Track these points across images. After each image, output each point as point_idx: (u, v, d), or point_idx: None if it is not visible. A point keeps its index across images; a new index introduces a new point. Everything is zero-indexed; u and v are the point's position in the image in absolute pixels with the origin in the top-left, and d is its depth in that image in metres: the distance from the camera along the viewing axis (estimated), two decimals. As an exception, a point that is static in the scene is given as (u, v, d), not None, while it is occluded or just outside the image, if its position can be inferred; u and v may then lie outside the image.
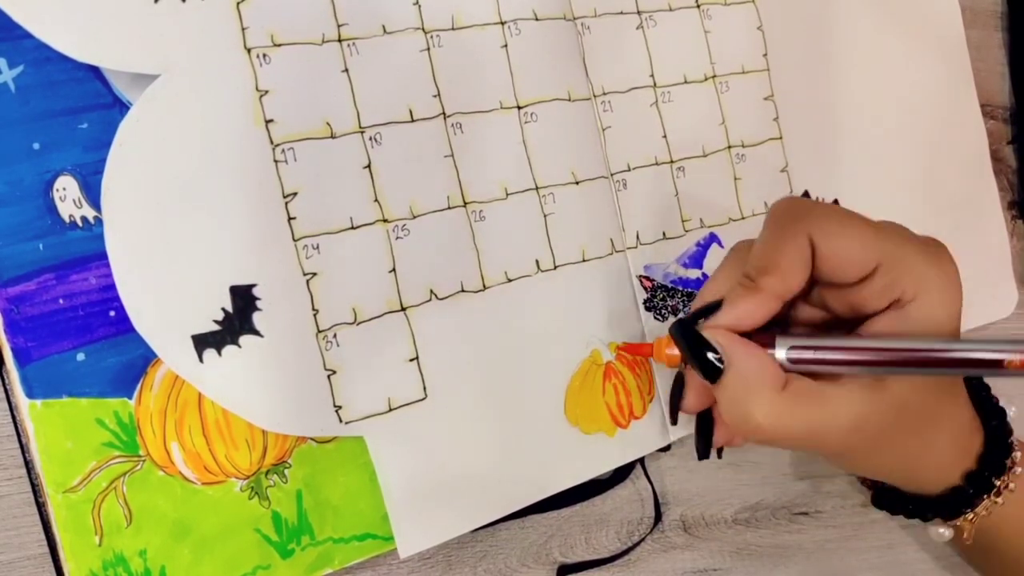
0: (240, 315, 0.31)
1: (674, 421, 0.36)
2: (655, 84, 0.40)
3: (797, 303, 0.33)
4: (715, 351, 0.31)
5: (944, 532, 0.37)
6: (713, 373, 0.31)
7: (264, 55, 0.31)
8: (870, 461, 0.35)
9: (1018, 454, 0.36)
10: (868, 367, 0.30)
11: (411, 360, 0.34)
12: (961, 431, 0.35)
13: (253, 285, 0.31)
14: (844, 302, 0.32)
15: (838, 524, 0.45)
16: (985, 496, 0.35)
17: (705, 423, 0.35)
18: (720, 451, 0.36)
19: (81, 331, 0.30)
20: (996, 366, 0.30)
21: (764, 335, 0.31)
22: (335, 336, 0.32)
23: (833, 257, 0.31)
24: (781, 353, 0.31)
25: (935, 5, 0.48)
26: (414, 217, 0.34)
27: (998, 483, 0.35)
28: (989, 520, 0.36)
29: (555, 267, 0.37)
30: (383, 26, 0.34)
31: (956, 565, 0.47)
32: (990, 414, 0.36)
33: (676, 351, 0.33)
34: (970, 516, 0.36)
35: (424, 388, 0.34)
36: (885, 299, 0.31)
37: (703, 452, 0.35)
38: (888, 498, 0.38)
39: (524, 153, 0.36)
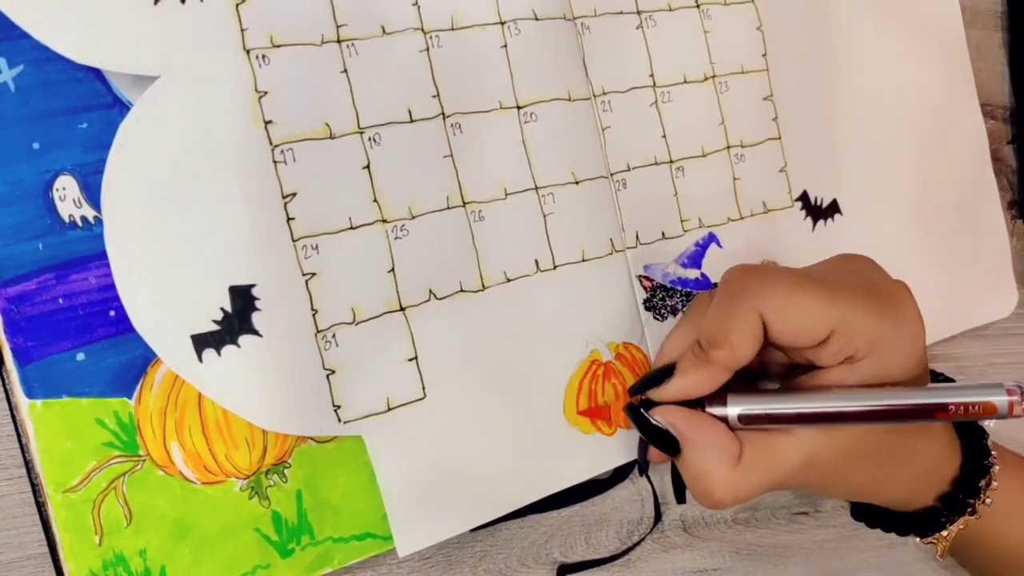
0: (239, 315, 0.31)
1: (643, 473, 0.39)
2: (655, 84, 0.40)
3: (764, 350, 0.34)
4: (669, 436, 0.33)
5: (922, 543, 0.37)
6: (671, 447, 0.33)
7: (263, 56, 0.31)
8: (831, 491, 0.36)
9: (996, 468, 0.35)
10: (813, 423, 0.32)
11: (410, 360, 0.34)
12: (932, 460, 0.35)
13: (252, 285, 0.31)
14: (799, 355, 0.33)
15: (838, 524, 0.45)
16: (959, 516, 0.35)
17: (675, 472, 0.39)
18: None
19: (81, 331, 0.30)
20: (938, 411, 0.31)
21: (717, 395, 0.33)
22: (334, 336, 0.32)
23: (784, 332, 0.32)
24: (733, 411, 0.33)
25: (935, 5, 0.48)
26: (413, 217, 0.34)
27: (973, 502, 0.35)
28: (967, 532, 0.35)
29: (555, 267, 0.37)
30: (382, 27, 0.34)
31: (955, 565, 0.47)
32: (969, 435, 0.36)
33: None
34: (944, 533, 0.35)
35: (423, 388, 0.34)
36: (838, 358, 0.32)
37: (643, 470, 0.38)
38: (864, 512, 0.38)
39: (524, 153, 0.36)
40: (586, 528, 0.39)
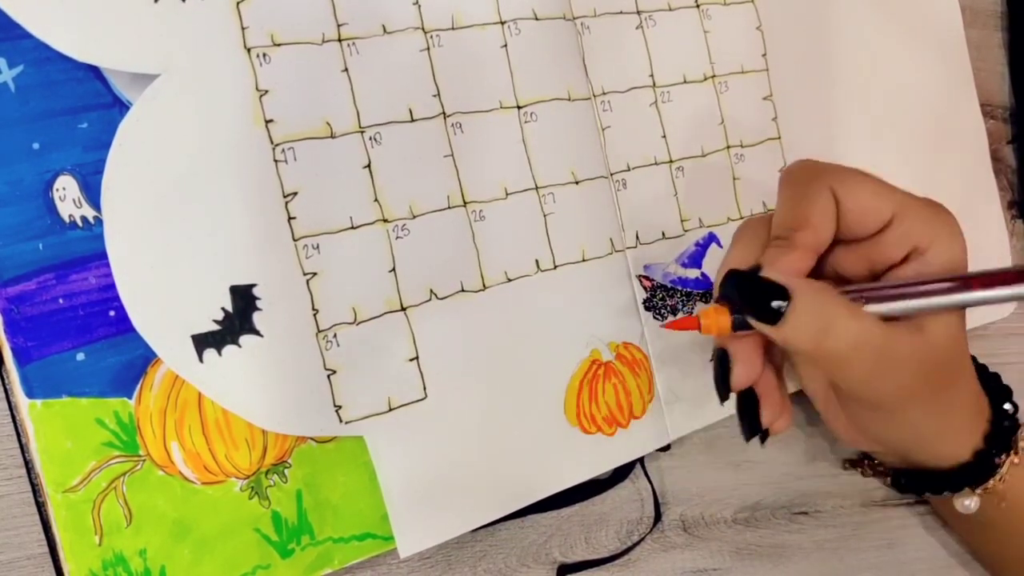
0: (240, 315, 0.31)
1: (724, 398, 0.35)
2: (655, 84, 0.40)
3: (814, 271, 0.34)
4: (774, 291, 0.31)
5: (970, 503, 0.38)
6: (774, 315, 0.31)
7: (264, 55, 0.31)
8: (917, 413, 0.35)
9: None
10: (917, 301, 0.32)
11: (411, 360, 0.34)
12: (977, 390, 0.37)
13: (253, 285, 0.31)
14: (862, 261, 0.34)
15: (837, 524, 0.45)
16: (1005, 456, 0.37)
17: (750, 402, 0.35)
18: (765, 436, 0.35)
19: (81, 331, 0.30)
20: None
21: None
22: (335, 336, 0.32)
23: (855, 208, 0.32)
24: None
25: (935, 5, 0.48)
26: (414, 217, 0.34)
27: (1012, 439, 0.37)
28: (1008, 483, 0.37)
29: (555, 267, 0.37)
30: (383, 26, 0.34)
31: (955, 564, 0.47)
32: (989, 380, 0.39)
33: (725, 319, 0.32)
34: (997, 477, 0.37)
35: (424, 388, 0.34)
36: (903, 249, 0.33)
37: (751, 431, 0.35)
38: (911, 479, 0.40)
39: (524, 153, 0.36)
40: (586, 528, 0.39)
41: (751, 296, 0.31)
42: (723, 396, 0.35)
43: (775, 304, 0.31)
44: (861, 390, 0.33)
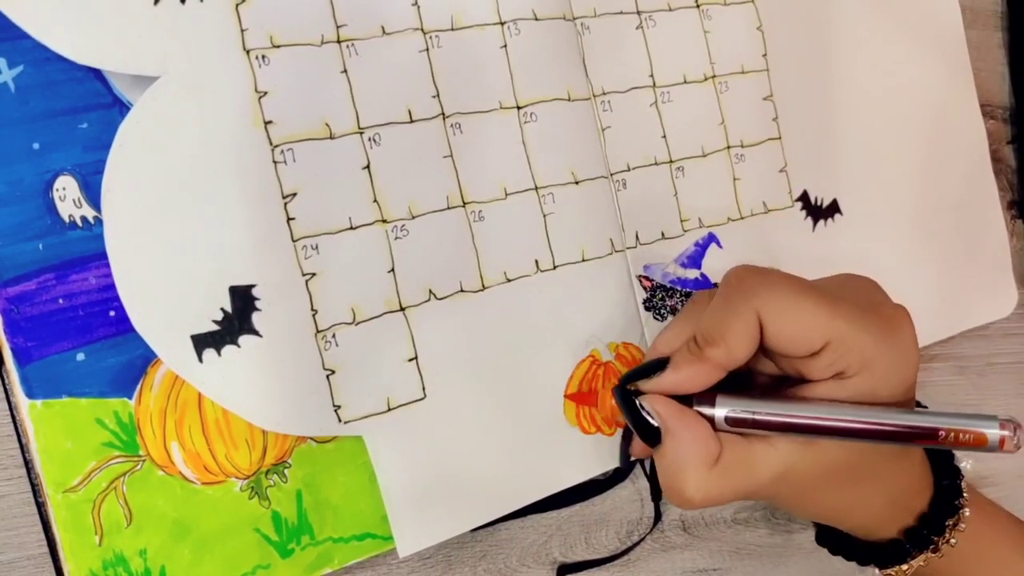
0: (239, 315, 0.31)
1: (624, 464, 0.38)
2: (655, 84, 0.40)
3: (757, 358, 0.33)
4: (650, 419, 0.32)
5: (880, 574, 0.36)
6: (652, 437, 0.32)
7: (263, 56, 0.31)
8: (799, 509, 0.35)
9: (966, 511, 0.35)
10: (798, 432, 0.31)
11: (410, 360, 0.34)
12: (902, 492, 0.35)
13: (252, 285, 0.31)
14: (790, 366, 0.33)
15: (837, 524, 0.45)
16: (922, 552, 0.34)
17: (628, 434, 0.38)
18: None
19: (81, 331, 0.30)
20: (927, 437, 0.30)
21: (705, 394, 0.32)
22: (334, 336, 0.32)
23: (780, 336, 0.31)
24: (721, 412, 0.32)
25: (935, 5, 0.48)
26: (413, 217, 0.34)
27: (937, 540, 0.34)
28: (927, 569, 0.35)
29: (554, 267, 0.37)
30: (382, 27, 0.34)
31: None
32: (944, 473, 0.36)
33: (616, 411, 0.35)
34: (904, 567, 0.35)
35: (423, 388, 0.34)
36: (829, 372, 0.32)
37: (624, 464, 0.38)
38: (828, 539, 0.38)
39: (524, 153, 0.36)
40: (586, 528, 0.39)
41: (633, 418, 0.33)
42: (623, 462, 0.38)
43: (654, 425, 0.32)
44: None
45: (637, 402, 0.33)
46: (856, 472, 0.33)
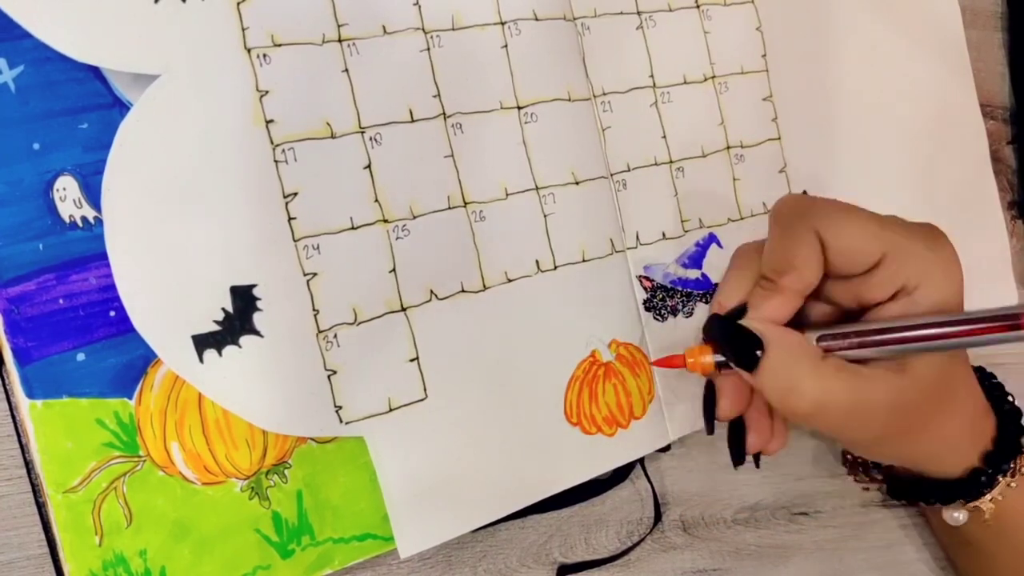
0: (240, 315, 0.31)
1: (710, 431, 0.37)
2: (655, 84, 0.40)
3: (807, 300, 0.34)
4: (752, 340, 0.32)
5: (959, 516, 0.38)
6: (751, 362, 0.32)
7: (264, 55, 0.31)
8: (902, 446, 0.36)
9: None
10: (896, 346, 0.32)
11: (411, 360, 0.34)
12: (976, 413, 0.37)
13: (253, 285, 0.31)
14: (851, 295, 0.34)
15: (837, 524, 0.45)
16: (1001, 477, 0.36)
17: (737, 430, 0.37)
18: (757, 459, 0.38)
19: (81, 331, 0.30)
20: (1014, 321, 0.31)
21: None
22: (335, 336, 0.32)
23: (842, 250, 0.32)
24: (812, 334, 0.33)
25: (935, 5, 0.48)
26: (414, 217, 0.34)
27: (1013, 464, 0.36)
28: (1001, 505, 0.36)
29: (555, 267, 0.37)
30: (383, 26, 0.34)
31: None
32: (1000, 400, 0.38)
33: (708, 358, 0.35)
34: (988, 497, 0.36)
35: (424, 388, 0.34)
36: (890, 288, 0.32)
37: (737, 458, 0.37)
38: (904, 487, 0.39)
39: (524, 153, 0.36)
40: (586, 528, 0.39)
41: (731, 342, 0.33)
42: (709, 429, 0.37)
43: (754, 351, 0.32)
44: (835, 437, 0.35)
45: (738, 323, 0.33)
46: (946, 392, 0.34)
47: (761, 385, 0.32)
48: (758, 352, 0.32)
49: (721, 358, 0.34)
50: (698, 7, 0.41)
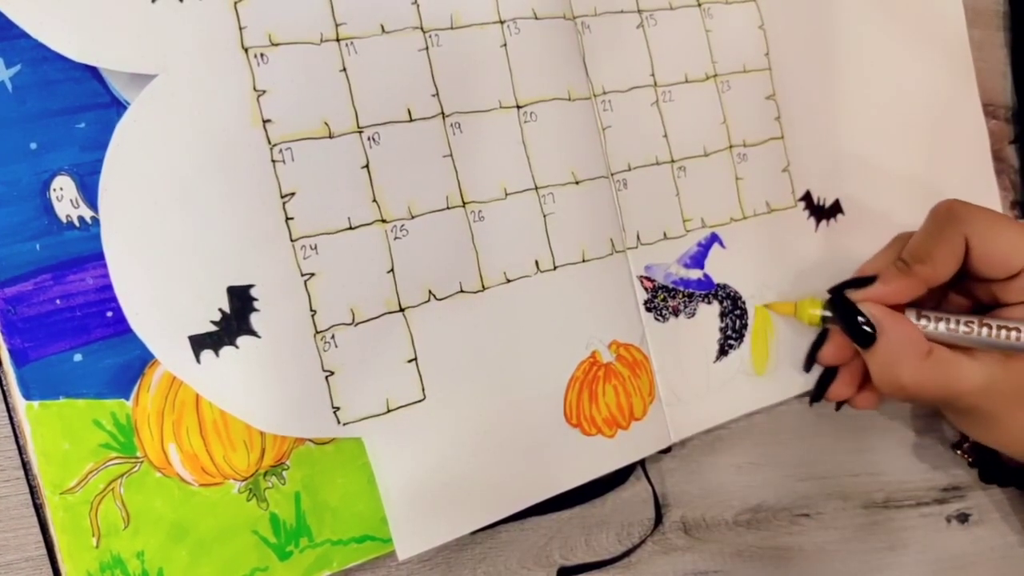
0: (238, 316, 0.31)
1: (807, 368, 0.42)
2: (656, 83, 0.40)
3: (946, 292, 0.39)
4: (867, 320, 0.36)
5: None
6: (864, 339, 0.36)
7: (262, 55, 0.31)
8: (993, 429, 0.38)
9: None
10: (985, 345, 0.36)
11: (409, 361, 0.34)
12: None
13: (251, 286, 0.31)
14: (987, 292, 0.38)
15: (839, 526, 0.45)
16: None
17: (828, 375, 0.41)
18: (839, 405, 0.42)
19: (78, 332, 0.30)
20: None
21: (900, 310, 0.37)
22: (333, 337, 0.32)
23: (986, 257, 0.36)
24: (928, 323, 0.37)
25: (938, 5, 0.48)
26: (413, 217, 0.34)
27: None
28: None
29: (555, 267, 0.37)
30: (382, 25, 0.33)
31: (956, 567, 0.47)
32: None
33: (818, 311, 0.39)
34: None
35: (423, 389, 0.34)
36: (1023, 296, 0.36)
37: (815, 396, 0.42)
38: (997, 470, 0.42)
39: (523, 153, 0.36)
40: (586, 530, 0.39)
41: (849, 320, 0.37)
42: (807, 366, 0.42)
43: (866, 329, 0.36)
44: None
45: (856, 306, 0.37)
46: None
47: (867, 362, 0.37)
48: (868, 330, 0.36)
49: (829, 314, 0.39)
50: (699, 5, 0.41)
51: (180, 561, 0.30)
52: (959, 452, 0.47)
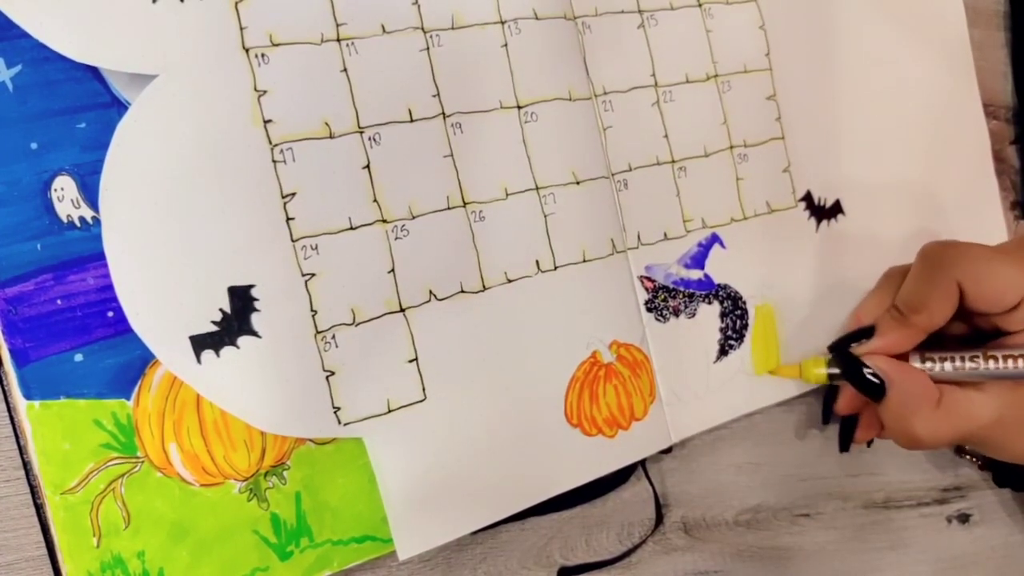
0: (238, 316, 0.31)
1: (826, 421, 0.43)
2: (656, 83, 0.40)
3: (948, 322, 0.38)
4: (874, 374, 0.36)
5: None
6: (875, 392, 0.37)
7: (263, 55, 0.31)
8: (1009, 449, 0.38)
9: None
10: (1008, 377, 0.36)
11: (410, 361, 0.34)
12: None
13: (251, 286, 0.31)
14: (987, 322, 0.37)
15: (839, 526, 0.45)
16: None
17: (849, 423, 0.42)
18: (870, 443, 0.43)
19: (79, 332, 0.29)
20: None
21: (905, 355, 0.37)
22: (334, 337, 0.32)
23: (981, 297, 0.36)
24: (928, 365, 0.37)
25: (938, 5, 0.48)
26: (413, 217, 0.34)
27: None
28: None
29: (555, 268, 0.37)
30: (382, 25, 0.33)
31: (956, 567, 0.47)
32: None
33: (823, 370, 0.39)
34: None
35: (423, 389, 0.34)
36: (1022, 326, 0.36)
37: (844, 446, 0.43)
38: (1013, 475, 0.43)
39: (524, 153, 0.36)
40: (587, 530, 0.39)
41: (856, 378, 0.37)
42: (825, 419, 0.43)
43: (869, 375, 0.37)
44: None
45: (862, 363, 0.37)
46: None
47: (883, 416, 0.37)
48: (877, 382, 0.36)
49: (835, 371, 0.39)
50: (700, 6, 0.41)
51: (181, 561, 0.30)
52: (966, 456, 0.47)
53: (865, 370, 0.37)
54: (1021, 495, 0.48)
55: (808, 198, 0.43)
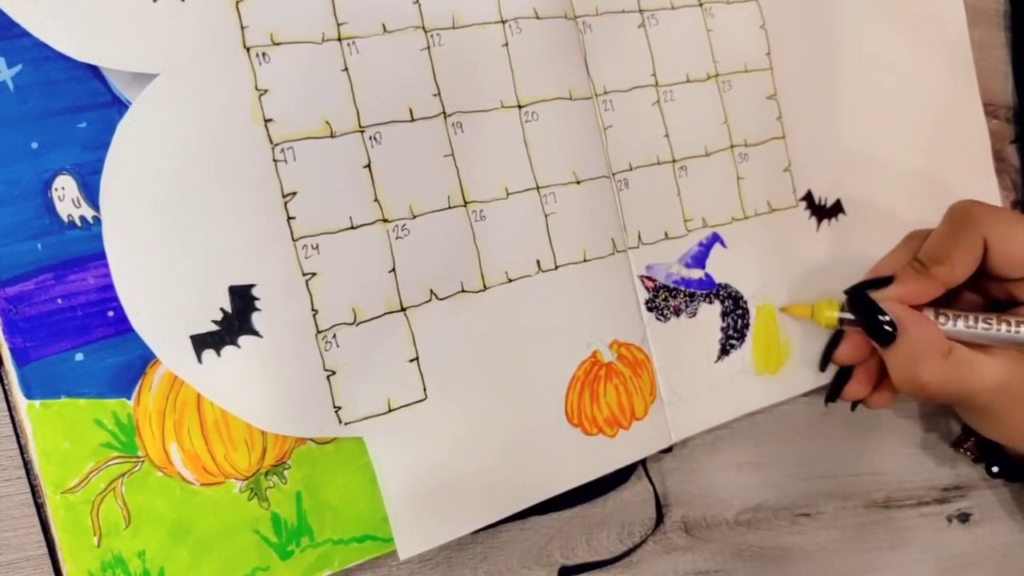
0: (239, 315, 0.31)
1: (822, 368, 0.42)
2: (657, 83, 0.40)
3: (961, 289, 0.39)
4: (889, 321, 0.36)
5: None
6: (885, 338, 0.36)
7: (263, 54, 0.31)
8: (1004, 425, 0.39)
9: None
10: (1004, 342, 0.37)
11: (411, 360, 0.34)
12: None
13: (252, 285, 0.31)
14: (1003, 291, 0.38)
15: (839, 525, 0.45)
16: None
17: (843, 374, 0.41)
18: (854, 405, 0.42)
19: (79, 331, 0.29)
20: None
21: (919, 308, 0.37)
22: (335, 336, 0.32)
23: (1004, 257, 0.36)
24: (948, 322, 0.37)
25: (938, 4, 0.48)
26: (414, 217, 0.34)
27: None
28: None
29: (556, 267, 0.37)
30: (383, 25, 0.33)
31: (956, 567, 0.47)
32: None
33: (836, 313, 0.39)
34: None
35: (424, 389, 0.34)
36: None
37: (831, 397, 0.42)
38: (1005, 466, 0.43)
39: (525, 152, 0.36)
40: (587, 530, 0.39)
41: (869, 318, 0.37)
42: (822, 365, 0.42)
43: (886, 328, 0.36)
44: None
45: (877, 303, 0.37)
46: None
47: (887, 361, 0.37)
48: (889, 329, 0.36)
49: (847, 316, 0.39)
50: (701, 5, 0.41)
51: (181, 560, 0.30)
52: (962, 450, 0.47)
53: (881, 317, 0.36)
54: (1021, 495, 0.48)
55: (809, 197, 0.43)
